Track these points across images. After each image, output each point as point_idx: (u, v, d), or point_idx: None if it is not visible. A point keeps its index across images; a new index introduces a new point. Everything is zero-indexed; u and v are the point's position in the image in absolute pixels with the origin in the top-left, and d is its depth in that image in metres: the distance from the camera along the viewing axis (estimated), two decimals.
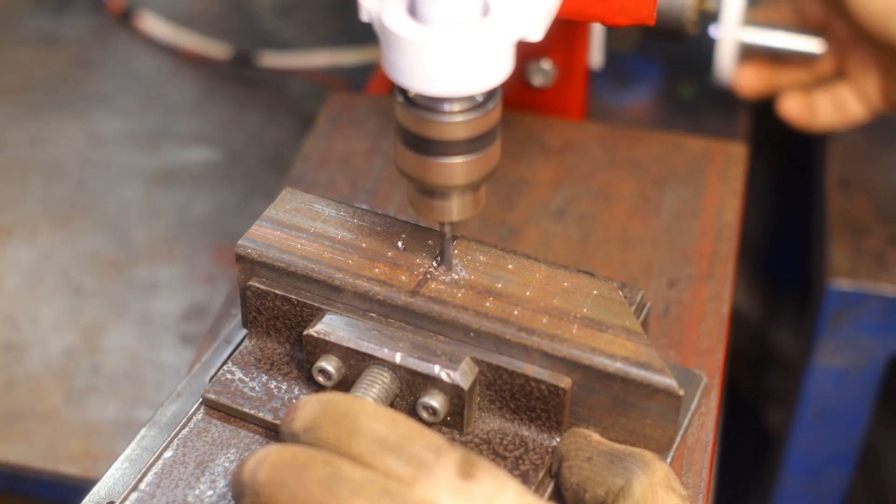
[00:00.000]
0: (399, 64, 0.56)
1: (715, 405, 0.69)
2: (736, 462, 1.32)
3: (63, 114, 1.16)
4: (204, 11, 1.29)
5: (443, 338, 0.63)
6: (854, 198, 1.05)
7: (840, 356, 1.03)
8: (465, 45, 0.55)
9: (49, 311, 0.97)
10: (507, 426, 0.63)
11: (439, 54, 0.55)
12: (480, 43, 0.55)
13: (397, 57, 0.56)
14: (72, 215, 1.05)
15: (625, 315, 0.62)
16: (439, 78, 0.55)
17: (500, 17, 0.56)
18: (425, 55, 0.55)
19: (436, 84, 0.56)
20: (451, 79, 0.55)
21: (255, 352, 0.67)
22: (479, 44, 0.55)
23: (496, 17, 0.56)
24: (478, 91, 0.57)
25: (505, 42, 0.56)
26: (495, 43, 0.55)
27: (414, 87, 0.56)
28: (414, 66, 0.55)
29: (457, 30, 0.55)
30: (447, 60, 0.55)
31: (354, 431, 0.52)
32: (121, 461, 0.64)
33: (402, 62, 0.56)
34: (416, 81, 0.56)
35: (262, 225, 0.67)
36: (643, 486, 0.58)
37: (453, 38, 0.55)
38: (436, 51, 0.55)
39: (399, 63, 0.56)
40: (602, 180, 0.85)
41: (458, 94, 0.56)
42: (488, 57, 0.56)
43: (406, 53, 0.55)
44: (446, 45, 0.54)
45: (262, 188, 1.08)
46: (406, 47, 0.55)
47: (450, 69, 0.55)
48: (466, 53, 0.55)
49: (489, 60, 0.56)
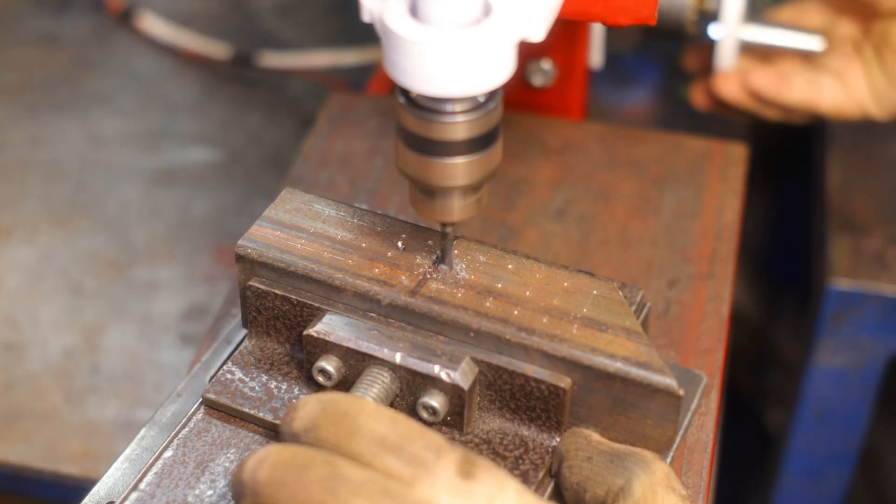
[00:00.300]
0: (401, 64, 0.56)
1: (715, 405, 0.69)
2: (736, 462, 1.32)
3: (63, 114, 1.16)
4: (204, 11, 1.29)
5: (443, 338, 0.63)
6: (854, 198, 1.05)
7: (840, 356, 1.03)
8: (466, 45, 0.55)
9: (49, 311, 0.97)
10: (507, 426, 0.63)
11: (441, 55, 0.55)
12: (482, 43, 0.55)
13: (399, 57, 0.56)
14: (72, 215, 1.05)
15: (625, 315, 0.62)
16: (441, 78, 0.55)
17: (501, 17, 0.56)
18: (427, 56, 0.55)
19: (437, 84, 0.56)
20: (453, 79, 0.55)
21: (254, 352, 0.67)
22: (481, 44, 0.55)
23: (498, 17, 0.56)
24: (480, 92, 0.57)
25: (507, 42, 0.56)
26: (497, 43, 0.55)
27: (416, 87, 0.56)
28: (416, 66, 0.55)
29: (458, 30, 0.55)
30: (449, 61, 0.55)
31: (354, 431, 0.52)
32: (121, 461, 0.64)
33: (403, 62, 0.56)
34: (417, 82, 0.56)
35: (262, 225, 0.67)
36: (643, 485, 0.58)
37: (455, 39, 0.54)
38: (438, 51, 0.55)
39: (401, 63, 0.56)
40: (602, 180, 0.85)
41: (460, 94, 0.56)
42: (490, 57, 0.55)
43: (408, 54, 0.55)
44: (448, 45, 0.54)
45: (262, 188, 1.08)
46: (408, 48, 0.55)
47: (451, 70, 0.55)
48: (468, 54, 0.55)
49: (491, 61, 0.56)
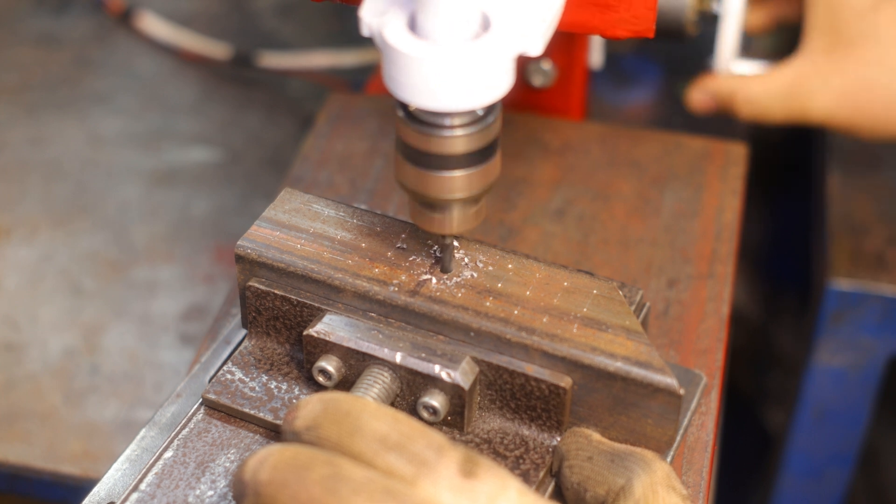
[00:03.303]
0: (400, 79, 0.56)
1: (715, 405, 0.69)
2: (736, 462, 1.32)
3: (63, 114, 1.16)
4: (204, 11, 1.29)
5: (443, 338, 0.63)
6: (854, 198, 1.05)
7: (840, 356, 1.03)
8: (465, 60, 0.55)
9: (49, 311, 0.97)
10: (507, 426, 0.63)
11: (440, 70, 0.55)
12: (481, 58, 0.55)
13: (398, 72, 0.56)
14: (72, 215, 1.05)
15: (625, 314, 0.62)
16: (440, 93, 0.55)
17: (500, 32, 0.56)
18: (426, 70, 0.55)
19: (437, 99, 0.56)
20: (452, 94, 0.55)
21: (254, 352, 0.67)
22: (480, 59, 0.55)
23: (496, 32, 0.56)
24: (478, 106, 0.57)
25: (505, 57, 0.56)
26: (496, 58, 0.55)
27: (415, 101, 0.56)
28: (415, 81, 0.55)
29: (457, 45, 0.55)
30: (448, 76, 0.55)
31: (356, 430, 0.52)
32: (121, 462, 0.64)
33: (402, 77, 0.56)
34: (416, 96, 0.56)
35: (261, 225, 0.67)
36: (644, 485, 0.58)
37: (454, 54, 0.55)
38: (436, 66, 0.55)
39: (400, 78, 0.56)
40: (602, 180, 0.85)
41: (459, 108, 0.57)
42: (489, 72, 0.56)
43: (407, 69, 0.55)
44: (447, 60, 0.54)
45: (262, 188, 1.08)
46: (407, 63, 0.55)
47: (450, 84, 0.55)
48: (467, 69, 0.55)
49: (490, 75, 0.56)
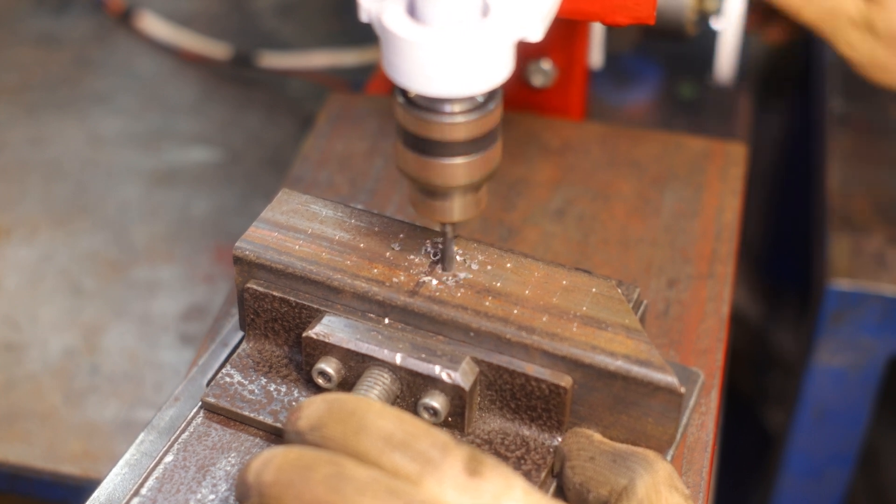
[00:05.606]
0: (399, 65, 0.56)
1: (715, 405, 0.68)
2: (736, 462, 1.32)
3: (63, 114, 1.16)
4: (204, 11, 1.29)
5: (443, 338, 0.62)
6: (854, 198, 1.05)
7: (840, 356, 1.03)
8: (465, 45, 0.54)
9: (49, 311, 0.97)
10: (508, 426, 0.63)
11: (439, 55, 0.55)
12: (480, 43, 0.55)
13: (397, 58, 0.56)
14: (72, 215, 1.05)
15: (624, 313, 0.62)
16: (440, 79, 0.55)
17: (499, 17, 0.56)
18: (425, 56, 0.55)
19: (436, 85, 0.56)
20: (452, 79, 0.55)
21: (253, 354, 0.67)
22: (479, 44, 0.55)
23: (496, 17, 0.56)
24: (478, 92, 0.57)
25: (505, 42, 0.56)
26: (495, 43, 0.55)
27: (414, 87, 0.56)
28: (414, 66, 0.55)
29: (457, 30, 0.55)
30: (447, 61, 0.55)
31: (361, 429, 0.52)
32: (119, 466, 0.63)
33: (402, 63, 0.56)
34: (416, 82, 0.56)
35: (259, 227, 0.66)
36: (646, 485, 0.58)
37: (453, 39, 0.54)
38: (436, 51, 0.54)
39: (399, 64, 0.56)
40: (602, 180, 0.85)
41: (459, 94, 0.56)
42: (488, 57, 0.55)
43: (406, 54, 0.55)
44: (446, 45, 0.54)
45: (262, 188, 1.08)
46: (406, 48, 0.55)
47: (450, 70, 0.55)
48: (466, 54, 0.55)
49: (489, 61, 0.56)
